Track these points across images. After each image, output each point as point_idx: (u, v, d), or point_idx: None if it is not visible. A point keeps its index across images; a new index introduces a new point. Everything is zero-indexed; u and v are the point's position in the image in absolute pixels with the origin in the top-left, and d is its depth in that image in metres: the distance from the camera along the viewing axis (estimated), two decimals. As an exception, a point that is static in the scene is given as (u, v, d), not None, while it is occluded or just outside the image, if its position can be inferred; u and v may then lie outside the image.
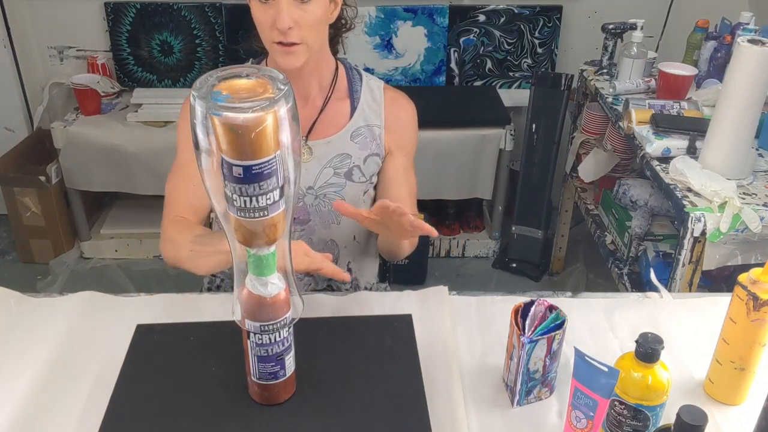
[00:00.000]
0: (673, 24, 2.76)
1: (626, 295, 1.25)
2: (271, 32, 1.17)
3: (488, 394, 1.01)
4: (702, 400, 1.01)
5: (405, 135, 1.37)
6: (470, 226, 2.94)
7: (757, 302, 0.91)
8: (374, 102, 1.35)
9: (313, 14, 1.17)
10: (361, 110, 1.34)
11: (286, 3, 1.14)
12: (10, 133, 2.87)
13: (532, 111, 2.51)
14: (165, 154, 2.48)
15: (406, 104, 1.38)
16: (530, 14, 2.78)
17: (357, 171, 1.34)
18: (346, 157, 1.32)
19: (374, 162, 1.35)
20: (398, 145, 1.36)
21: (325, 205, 1.34)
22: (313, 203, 1.34)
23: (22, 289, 1.20)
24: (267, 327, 0.89)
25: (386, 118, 1.35)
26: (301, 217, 1.34)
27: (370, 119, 1.34)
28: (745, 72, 1.53)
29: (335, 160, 1.32)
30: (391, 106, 1.36)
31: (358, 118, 1.33)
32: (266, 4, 1.15)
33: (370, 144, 1.34)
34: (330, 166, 1.32)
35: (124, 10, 2.71)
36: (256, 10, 1.18)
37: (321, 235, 1.37)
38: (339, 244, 1.39)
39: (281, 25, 1.14)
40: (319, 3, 1.17)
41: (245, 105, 0.75)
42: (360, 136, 1.33)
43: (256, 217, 0.80)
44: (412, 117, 1.38)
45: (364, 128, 1.33)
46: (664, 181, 1.67)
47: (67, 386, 1.01)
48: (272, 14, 1.15)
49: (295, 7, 1.15)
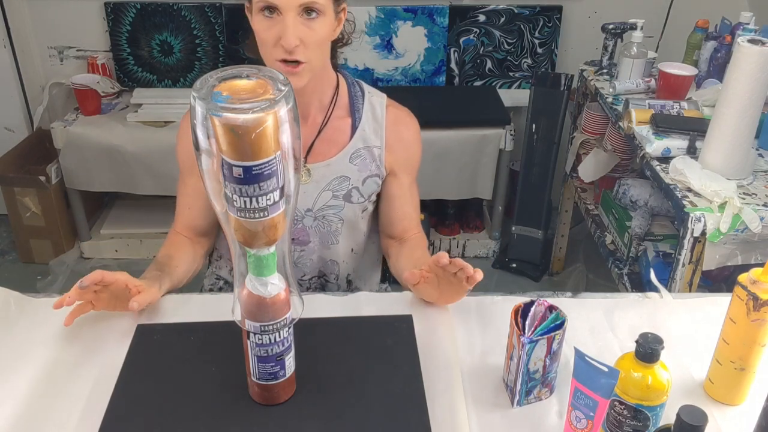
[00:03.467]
0: (673, 24, 2.76)
1: (626, 295, 1.25)
2: (274, 49, 1.13)
3: (488, 394, 1.01)
4: (702, 400, 1.01)
5: (409, 155, 1.35)
6: (470, 226, 2.94)
7: (757, 302, 0.91)
8: (375, 121, 1.32)
9: (319, 33, 1.13)
10: (361, 130, 1.31)
11: (293, 20, 1.10)
12: (10, 133, 2.87)
13: (532, 111, 2.51)
14: (165, 154, 2.48)
15: (410, 123, 1.35)
16: (530, 14, 2.78)
17: (356, 192, 1.32)
18: (345, 179, 1.31)
19: (373, 182, 1.33)
20: (402, 165, 1.34)
21: (324, 227, 1.33)
22: (312, 225, 1.33)
23: (22, 289, 1.20)
24: (267, 327, 0.89)
25: (388, 138, 1.32)
26: (300, 238, 1.34)
27: (370, 140, 1.31)
28: (745, 72, 1.53)
29: (334, 182, 1.30)
30: (394, 126, 1.33)
31: (357, 139, 1.31)
32: (271, 19, 1.11)
33: (370, 165, 1.32)
34: (329, 189, 1.30)
35: (124, 10, 2.71)
36: (259, 26, 1.13)
37: (321, 254, 1.37)
38: (338, 260, 1.39)
39: (287, 43, 1.10)
40: (325, 21, 1.14)
41: (245, 106, 0.75)
42: (359, 158, 1.31)
43: (256, 217, 0.80)
44: (416, 135, 1.36)
45: (363, 150, 1.31)
46: (664, 181, 1.67)
47: (67, 386, 1.01)
48: (277, 31, 1.11)
49: (302, 25, 1.11)
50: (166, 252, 1.28)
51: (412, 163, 1.36)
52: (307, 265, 1.38)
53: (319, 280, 1.41)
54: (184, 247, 1.30)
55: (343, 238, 1.36)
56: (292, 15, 1.10)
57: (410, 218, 1.37)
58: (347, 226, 1.35)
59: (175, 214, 1.34)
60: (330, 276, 1.41)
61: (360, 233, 1.39)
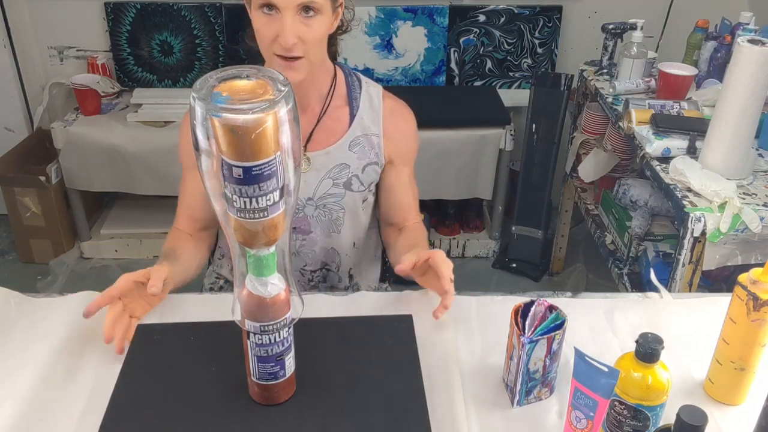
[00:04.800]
0: (673, 24, 2.76)
1: (626, 295, 1.25)
2: (272, 45, 1.15)
3: (488, 394, 1.01)
4: (702, 400, 1.01)
5: (406, 145, 1.37)
6: (470, 226, 2.94)
7: (757, 302, 0.91)
8: (373, 110, 1.34)
9: (317, 30, 1.15)
10: (359, 118, 1.32)
11: (291, 18, 1.11)
12: (10, 133, 2.87)
13: (532, 111, 2.52)
14: (165, 154, 2.49)
15: (406, 114, 1.37)
16: (530, 14, 2.78)
17: (356, 180, 1.33)
18: (345, 167, 1.32)
19: (373, 170, 1.34)
20: (400, 156, 1.36)
21: (326, 215, 1.34)
22: (314, 214, 1.34)
23: (22, 289, 1.20)
24: (267, 327, 0.89)
25: (385, 127, 1.34)
26: (302, 227, 1.35)
27: (369, 128, 1.33)
28: (745, 72, 1.53)
29: (334, 170, 1.32)
30: (391, 115, 1.35)
31: (356, 127, 1.32)
32: (270, 16, 1.12)
33: (369, 153, 1.33)
34: (329, 177, 1.32)
35: (124, 10, 2.71)
36: (258, 22, 1.15)
37: (323, 244, 1.38)
38: (340, 252, 1.40)
39: (285, 42, 1.12)
40: (323, 18, 1.15)
41: (245, 106, 0.75)
42: (358, 146, 1.32)
43: (256, 218, 0.80)
44: (412, 126, 1.38)
45: (362, 137, 1.32)
46: (664, 181, 1.67)
47: (67, 386, 1.01)
48: (275, 28, 1.12)
49: (300, 23, 1.13)
50: (169, 245, 1.29)
51: (410, 154, 1.38)
52: (309, 255, 1.38)
53: (321, 272, 1.42)
54: (187, 240, 1.31)
55: (345, 229, 1.37)
56: (291, 14, 1.11)
57: (410, 207, 1.40)
58: (349, 215, 1.36)
59: (177, 210, 1.35)
60: (332, 265, 1.41)
61: (361, 226, 1.40)
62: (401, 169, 1.37)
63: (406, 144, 1.37)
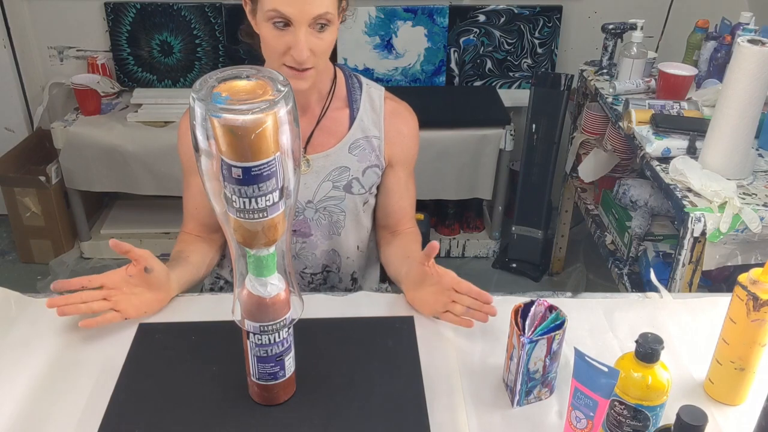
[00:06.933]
0: (673, 24, 2.76)
1: (626, 296, 1.25)
2: (283, 57, 1.15)
3: (488, 394, 1.01)
4: (702, 400, 1.01)
5: (407, 149, 1.36)
6: (470, 226, 2.94)
7: (757, 302, 0.91)
8: (374, 112, 1.33)
9: (328, 41, 1.15)
10: (360, 120, 1.32)
11: (305, 33, 1.11)
12: (10, 133, 2.87)
13: (532, 111, 2.51)
14: (165, 154, 2.49)
15: (408, 116, 1.36)
16: (530, 14, 2.78)
17: (356, 183, 1.33)
18: (345, 170, 1.31)
19: (373, 173, 1.34)
20: (400, 159, 1.35)
21: (326, 218, 1.34)
22: (314, 217, 1.33)
23: (22, 289, 1.20)
24: (267, 327, 0.89)
25: (386, 129, 1.33)
26: (302, 230, 1.34)
27: (369, 130, 1.32)
28: (745, 72, 1.53)
29: (334, 173, 1.31)
30: (392, 118, 1.34)
31: (356, 129, 1.31)
32: (282, 30, 1.12)
33: (369, 155, 1.32)
34: (329, 180, 1.31)
35: (124, 10, 2.71)
36: (268, 33, 1.13)
37: (323, 247, 1.38)
38: (342, 254, 1.39)
39: (300, 56, 1.12)
40: (333, 29, 1.15)
41: (245, 107, 0.75)
42: (358, 148, 1.32)
43: (256, 218, 0.80)
44: (414, 130, 1.37)
45: (362, 140, 1.32)
46: (664, 181, 1.67)
47: (67, 386, 1.01)
48: (287, 41, 1.12)
49: (312, 36, 1.13)
50: (177, 249, 1.29)
51: (410, 157, 1.38)
52: (309, 258, 1.38)
53: (322, 275, 1.41)
54: (195, 243, 1.31)
55: (348, 233, 1.37)
56: (304, 28, 1.11)
57: (405, 212, 1.40)
58: (351, 218, 1.36)
59: (184, 215, 1.35)
60: (333, 267, 1.41)
61: (364, 229, 1.40)
62: (399, 172, 1.36)
63: (406, 147, 1.36)
